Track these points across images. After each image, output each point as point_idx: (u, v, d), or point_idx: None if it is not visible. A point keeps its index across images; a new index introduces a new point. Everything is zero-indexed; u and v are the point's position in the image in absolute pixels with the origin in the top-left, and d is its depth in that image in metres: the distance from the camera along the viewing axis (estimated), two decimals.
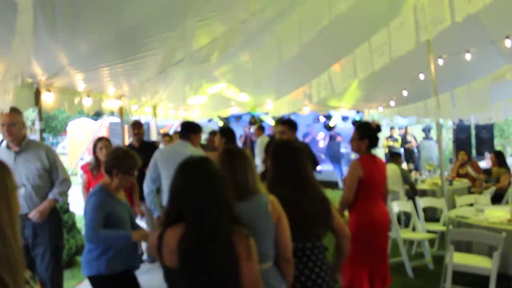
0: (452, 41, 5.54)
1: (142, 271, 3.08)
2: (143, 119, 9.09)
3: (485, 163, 10.04)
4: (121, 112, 6.87)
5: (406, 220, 6.12)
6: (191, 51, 4.20)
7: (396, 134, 12.68)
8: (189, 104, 8.41)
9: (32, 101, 4.56)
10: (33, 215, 3.35)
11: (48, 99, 4.72)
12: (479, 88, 6.95)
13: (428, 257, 4.99)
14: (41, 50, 3.50)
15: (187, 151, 3.77)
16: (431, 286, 4.31)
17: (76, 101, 5.35)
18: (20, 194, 3.31)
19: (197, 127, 4.20)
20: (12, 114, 3.34)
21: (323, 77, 6.68)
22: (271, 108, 10.06)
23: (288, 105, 9.23)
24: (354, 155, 3.73)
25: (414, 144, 12.52)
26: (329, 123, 12.37)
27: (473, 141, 12.72)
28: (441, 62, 6.10)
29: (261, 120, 11.54)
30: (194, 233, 1.68)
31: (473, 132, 12.63)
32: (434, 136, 12.41)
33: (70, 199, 5.66)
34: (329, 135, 12.65)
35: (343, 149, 12.35)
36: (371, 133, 3.51)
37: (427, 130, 13.09)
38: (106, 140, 4.54)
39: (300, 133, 11.74)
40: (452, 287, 3.75)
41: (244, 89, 8.17)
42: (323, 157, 12.79)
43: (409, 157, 12.20)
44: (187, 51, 4.13)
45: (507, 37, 5.10)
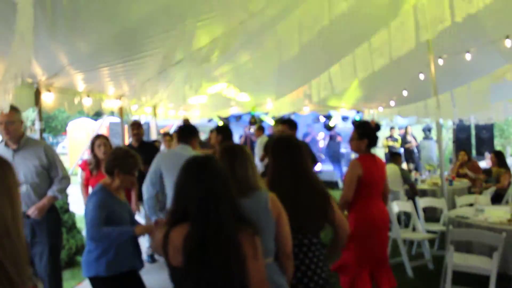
0: (452, 41, 5.54)
1: (141, 272, 3.07)
2: (143, 119, 9.10)
3: (485, 163, 10.04)
4: (121, 112, 6.87)
5: (406, 220, 6.12)
6: (191, 51, 4.20)
7: (396, 134, 12.68)
8: (189, 104, 8.40)
9: (32, 101, 4.55)
10: (32, 212, 3.33)
11: (48, 99, 4.71)
12: (479, 88, 6.95)
13: (428, 257, 4.99)
14: (41, 50, 3.49)
15: (190, 155, 3.78)
16: (431, 286, 4.31)
17: (76, 101, 5.34)
18: (21, 191, 3.30)
19: (196, 130, 4.21)
20: (10, 112, 3.30)
21: (323, 77, 6.68)
22: (271, 108, 10.05)
23: (288, 105, 9.23)
24: (354, 155, 3.73)
25: (414, 144, 12.52)
26: (329, 123, 12.36)
27: (473, 141, 12.73)
28: (441, 62, 6.10)
29: (261, 120, 11.52)
30: (199, 232, 1.68)
31: (473, 132, 12.64)
32: (434, 136, 12.41)
33: (70, 199, 5.67)
34: (329, 135, 12.64)
35: (343, 149, 12.34)
36: (371, 133, 3.52)
37: (427, 130, 13.08)
38: (104, 137, 4.53)
39: (300, 133, 11.73)
40: (452, 287, 3.75)
41: (244, 89, 8.17)
42: (323, 157, 12.78)
43: (409, 157, 12.20)
44: (187, 51, 4.13)
45: (507, 37, 5.10)
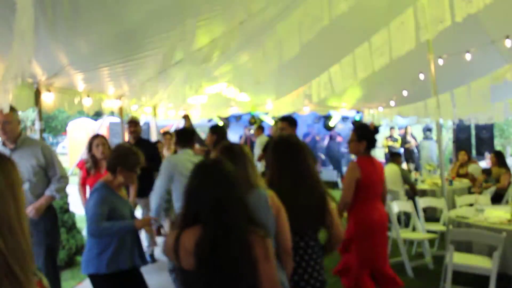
0: (452, 41, 5.54)
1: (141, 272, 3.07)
2: (143, 119, 9.10)
3: (485, 163, 10.04)
4: (121, 112, 6.87)
5: (406, 220, 6.12)
6: (191, 51, 4.20)
7: (396, 134, 12.67)
8: (189, 104, 8.40)
9: (32, 101, 4.55)
10: (29, 211, 3.31)
11: (48, 99, 4.71)
12: (479, 88, 6.94)
13: (428, 257, 4.99)
14: (41, 50, 3.48)
15: (195, 159, 3.93)
16: (431, 286, 4.31)
17: (76, 101, 5.34)
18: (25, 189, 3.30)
19: (194, 132, 4.23)
20: (6, 112, 3.27)
21: (323, 77, 6.67)
22: (271, 108, 10.06)
23: (288, 105, 9.22)
24: (353, 156, 3.74)
25: (414, 144, 12.52)
26: (329, 123, 12.36)
27: (473, 141, 12.73)
28: (441, 62, 6.10)
29: (261, 120, 11.52)
30: (211, 234, 1.67)
31: (473, 132, 12.64)
32: (434, 136, 12.41)
33: (70, 199, 5.66)
34: (329, 135, 12.64)
35: (343, 149, 12.35)
36: (369, 135, 3.53)
37: (427, 130, 13.08)
38: (102, 137, 4.51)
39: (300, 133, 11.73)
40: (452, 287, 3.75)
41: (244, 89, 8.17)
42: (323, 157, 12.78)
43: (409, 157, 12.20)
44: (187, 51, 4.13)
45: (507, 37, 5.10)
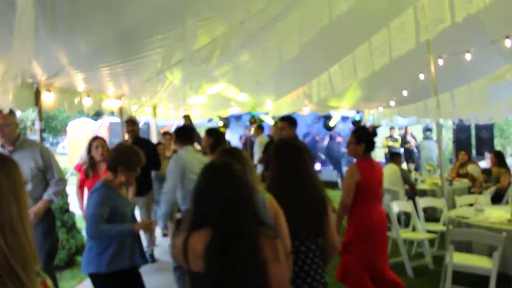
0: (452, 41, 5.53)
1: (141, 272, 3.07)
2: (143, 119, 9.10)
3: (485, 163, 10.04)
4: (121, 112, 6.87)
5: (406, 220, 6.12)
6: (191, 51, 4.20)
7: (396, 134, 12.68)
8: (189, 104, 8.40)
9: (32, 101, 4.55)
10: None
11: (48, 99, 4.71)
12: (479, 88, 6.94)
13: (428, 257, 4.99)
14: (41, 50, 3.48)
15: (201, 157, 4.06)
16: (431, 286, 4.31)
17: (76, 101, 5.34)
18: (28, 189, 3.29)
19: (194, 130, 4.24)
20: (4, 115, 3.27)
21: (323, 77, 6.67)
22: (271, 108, 10.06)
23: (288, 105, 9.22)
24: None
25: (414, 144, 12.51)
26: (329, 123, 12.36)
27: (473, 141, 12.73)
28: (441, 62, 6.10)
29: (261, 120, 11.53)
30: (221, 237, 1.66)
31: (473, 132, 12.63)
32: (434, 136, 12.40)
33: (70, 199, 5.67)
34: (329, 135, 12.64)
35: (343, 149, 12.35)
36: (368, 137, 3.54)
37: (427, 130, 13.08)
38: (101, 139, 4.52)
39: (300, 133, 11.73)
40: (452, 287, 3.75)
41: (244, 89, 8.17)
42: (323, 157, 12.78)
43: (409, 157, 12.20)
44: (187, 51, 4.13)
45: (507, 37, 5.10)
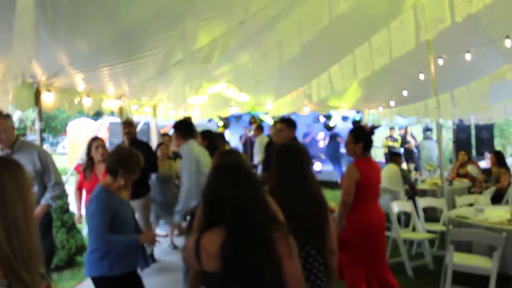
0: (452, 41, 5.54)
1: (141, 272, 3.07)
2: (143, 119, 9.10)
3: (485, 163, 10.04)
4: (121, 112, 6.86)
5: (406, 220, 6.12)
6: (191, 51, 4.20)
7: (396, 134, 12.67)
8: (189, 104, 8.40)
9: (32, 101, 4.55)
10: None
11: (48, 99, 4.72)
12: (479, 88, 6.94)
13: (428, 257, 4.99)
14: (41, 50, 3.48)
15: (205, 151, 4.06)
16: (431, 286, 4.31)
17: (76, 101, 5.34)
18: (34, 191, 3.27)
19: (193, 125, 4.24)
20: (1, 121, 3.25)
21: (323, 77, 6.67)
22: (271, 108, 10.06)
23: (288, 105, 9.22)
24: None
25: (414, 144, 12.51)
26: (329, 123, 12.36)
27: (473, 141, 12.73)
28: (441, 62, 6.10)
29: (261, 120, 11.52)
30: (235, 235, 1.65)
31: (473, 132, 12.64)
32: (434, 136, 12.40)
33: (70, 199, 5.67)
34: (329, 135, 12.64)
35: (343, 149, 12.34)
36: (366, 137, 3.57)
37: (427, 130, 13.08)
38: (101, 139, 4.51)
39: (300, 133, 11.73)
40: (452, 287, 3.75)
41: (244, 89, 8.17)
42: (323, 157, 12.77)
43: (409, 157, 12.20)
44: (187, 51, 4.13)
45: (507, 37, 5.10)
